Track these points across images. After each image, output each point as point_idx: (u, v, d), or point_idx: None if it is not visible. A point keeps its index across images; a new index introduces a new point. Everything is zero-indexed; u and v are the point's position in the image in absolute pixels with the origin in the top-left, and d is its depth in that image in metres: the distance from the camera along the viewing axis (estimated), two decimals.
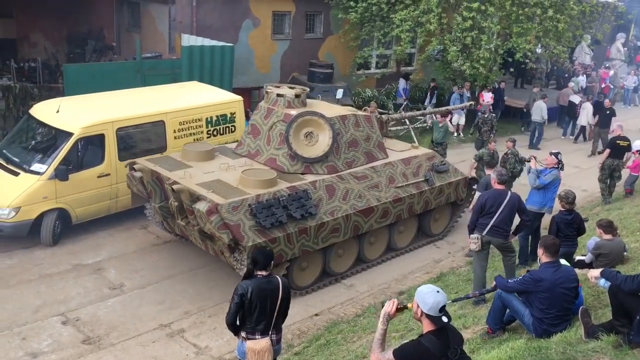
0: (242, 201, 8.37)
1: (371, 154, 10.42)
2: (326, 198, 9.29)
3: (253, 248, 8.04)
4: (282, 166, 9.58)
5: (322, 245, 9.18)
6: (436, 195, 10.90)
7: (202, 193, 8.45)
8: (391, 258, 10.81)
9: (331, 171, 9.73)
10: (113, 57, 18.68)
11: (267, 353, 5.70)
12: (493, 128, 15.86)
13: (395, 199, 10.12)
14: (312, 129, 9.70)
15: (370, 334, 7.70)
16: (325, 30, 19.28)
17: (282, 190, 8.87)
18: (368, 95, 19.41)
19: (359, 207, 9.57)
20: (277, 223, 8.46)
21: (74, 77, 12.89)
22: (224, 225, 8.10)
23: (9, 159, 10.45)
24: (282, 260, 8.69)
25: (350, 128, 10.15)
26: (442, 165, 11.15)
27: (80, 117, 10.52)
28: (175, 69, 14.46)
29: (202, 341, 8.12)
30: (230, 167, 9.41)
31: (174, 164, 9.56)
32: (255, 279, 5.70)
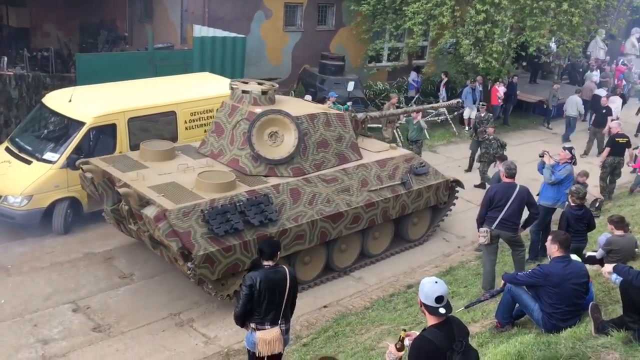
0: (194, 206, 7.81)
1: (343, 155, 9.77)
2: (290, 203, 8.69)
3: (205, 257, 7.58)
4: (244, 168, 8.98)
5: (285, 253, 8.51)
6: (414, 199, 10.30)
7: (152, 197, 7.89)
8: (400, 252, 10.80)
9: (297, 174, 9.10)
10: (125, 47, 18.75)
11: (278, 342, 5.73)
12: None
13: (368, 203, 9.52)
14: (276, 129, 9.08)
15: (378, 326, 7.72)
16: (337, 22, 19.22)
17: (241, 194, 8.27)
18: (379, 88, 19.36)
19: (326, 212, 8.96)
20: (232, 230, 7.87)
21: (87, 67, 12.95)
22: (173, 232, 7.52)
23: (21, 147, 10.53)
24: (238, 270, 8.11)
25: (320, 128, 9.50)
26: (421, 168, 10.51)
27: (92, 106, 10.56)
28: (187, 60, 14.48)
29: (211, 331, 8.17)
30: (188, 169, 8.83)
31: (130, 164, 9.04)
32: (263, 269, 5.71)
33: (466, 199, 13.36)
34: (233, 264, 7.98)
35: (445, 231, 11.81)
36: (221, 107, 9.71)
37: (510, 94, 19.43)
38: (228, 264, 7.90)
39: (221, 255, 7.79)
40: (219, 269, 7.81)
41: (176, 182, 8.46)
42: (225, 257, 7.84)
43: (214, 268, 7.76)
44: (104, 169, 8.81)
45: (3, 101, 12.32)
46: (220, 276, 7.93)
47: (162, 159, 9.18)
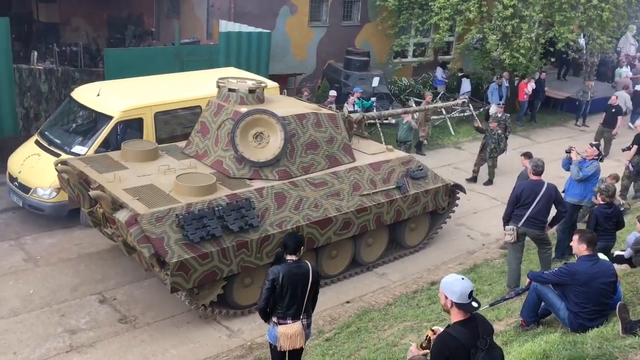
0: (168, 211, 7.44)
1: (334, 158, 9.31)
2: (274, 207, 8.28)
3: (179, 265, 7.19)
4: (228, 170, 8.58)
5: (268, 260, 8.09)
6: (410, 204, 9.79)
7: (125, 200, 7.57)
8: (424, 248, 10.75)
9: (283, 177, 8.67)
10: (152, 42, 18.93)
11: (300, 337, 5.75)
12: (507, 129, 14.47)
13: (360, 208, 9.04)
14: (262, 129, 8.65)
15: (401, 322, 7.71)
16: (362, 17, 19.15)
17: (220, 198, 7.89)
18: (404, 83, 19.25)
19: (313, 217, 8.53)
20: (208, 236, 7.45)
21: (115, 62, 13.09)
22: (145, 238, 7.17)
23: (50, 140, 10.71)
24: (216, 278, 7.72)
25: (310, 128, 9.04)
26: (418, 171, 10.00)
27: (120, 101, 10.69)
28: (213, 55, 14.55)
29: (235, 324, 8.24)
30: (169, 170, 8.47)
31: (109, 164, 8.71)
32: (286, 263, 5.74)
33: (491, 196, 13.26)
34: (210, 272, 7.56)
35: (469, 228, 11.72)
36: (207, 105, 9.36)
37: (539, 91, 19.16)
38: (205, 272, 7.49)
39: (197, 263, 7.37)
40: (194, 277, 7.41)
41: (154, 184, 8.12)
42: (201, 264, 7.42)
43: (189, 276, 7.35)
44: (81, 169, 8.45)
45: (33, 95, 12.54)
46: (196, 284, 7.55)
47: (144, 160, 8.84)
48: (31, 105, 12.60)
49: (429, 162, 14.85)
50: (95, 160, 8.85)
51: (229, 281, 8.05)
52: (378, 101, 16.40)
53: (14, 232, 10.20)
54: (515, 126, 18.52)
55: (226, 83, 9.29)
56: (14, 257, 9.44)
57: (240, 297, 8.34)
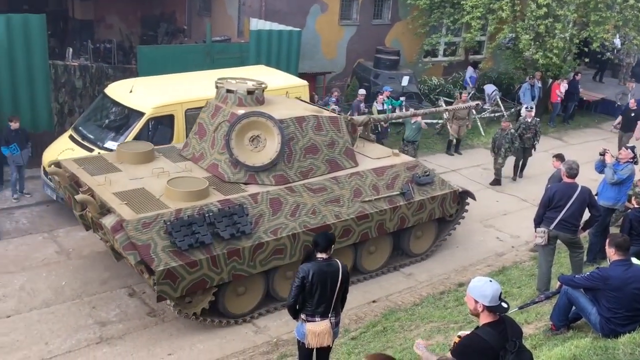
0: (156, 217, 7.19)
1: (335, 162, 8.98)
2: (269, 214, 7.99)
3: (165, 273, 6.95)
4: (223, 174, 8.32)
5: (261, 268, 7.91)
6: (415, 211, 9.42)
7: (113, 205, 7.35)
8: (451, 249, 10.66)
9: (280, 182, 8.36)
10: (184, 40, 19.13)
11: (327, 335, 5.76)
12: (537, 134, 13.76)
13: (361, 215, 8.71)
14: (258, 132, 8.34)
15: (428, 323, 7.66)
16: (393, 16, 19.06)
17: (212, 204, 7.63)
18: (434, 83, 19.11)
19: (311, 224, 8.21)
20: (197, 244, 7.20)
21: (147, 59, 13.28)
22: (131, 245, 6.96)
23: (84, 135, 10.90)
24: (206, 287, 7.47)
25: (309, 132, 8.71)
26: (424, 177, 9.59)
27: (152, 97, 10.83)
28: (243, 53, 14.65)
29: (261, 321, 8.28)
30: (163, 173, 8.22)
31: (103, 166, 8.51)
32: (316, 261, 5.75)
33: (521, 198, 13.09)
34: (199, 280, 7.30)
35: (498, 230, 11.58)
36: (205, 106, 9.10)
37: (573, 92, 18.77)
38: (193, 281, 7.24)
39: (185, 271, 7.12)
40: (182, 285, 7.17)
41: (145, 188, 7.88)
42: (189, 272, 7.17)
43: (177, 284, 7.11)
44: (73, 171, 8.29)
45: (68, 91, 12.79)
46: (185, 293, 7.30)
47: (139, 162, 8.61)
48: (66, 101, 12.85)
49: (458, 162, 14.77)
50: (89, 162, 8.67)
51: (220, 290, 7.78)
52: (407, 100, 16.30)
53: (48, 225, 10.42)
54: (547, 127, 18.24)
55: (225, 84, 8.97)
56: (47, 250, 9.65)
57: (232, 306, 8.05)
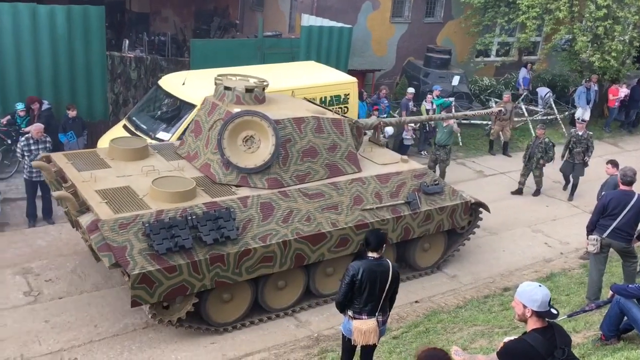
0: (134, 218, 6.87)
1: (336, 167, 8.49)
2: (259, 219, 7.57)
3: (141, 277, 6.61)
4: (214, 175, 7.94)
5: (247, 276, 7.48)
6: (421, 222, 8.83)
7: (92, 203, 7.08)
8: (497, 252, 10.47)
9: (273, 185, 7.94)
10: (236, 34, 19.39)
11: (373, 334, 5.74)
12: (589, 149, 12.61)
13: (360, 224, 8.17)
14: (253, 133, 7.92)
15: (471, 326, 7.56)
16: (445, 14, 18.82)
17: (197, 206, 7.26)
18: (485, 83, 18.78)
19: (304, 232, 7.75)
20: (176, 248, 6.83)
21: (200, 52, 13.50)
22: (106, 246, 6.66)
23: (137, 125, 11.17)
24: (185, 293, 7.08)
25: (308, 134, 8.24)
26: (433, 186, 9.02)
27: (203, 90, 10.96)
28: (294, 48, 14.73)
29: (303, 315, 8.33)
30: (153, 172, 7.87)
31: (93, 162, 8.23)
32: (367, 260, 5.73)
33: (572, 204, 12.74)
34: (178, 286, 6.94)
35: (547, 236, 11.31)
36: (203, 103, 8.76)
37: (637, 100, 17.93)
38: (172, 286, 6.89)
39: (162, 276, 6.76)
40: (159, 291, 6.81)
41: (131, 187, 7.57)
42: (167, 278, 6.81)
43: (153, 290, 6.76)
44: (61, 166, 8.03)
45: (123, 82, 13.14)
46: (163, 299, 6.94)
47: (131, 159, 8.30)
48: (121, 91, 13.21)
49: (507, 164, 14.49)
50: (79, 157, 8.41)
51: (203, 296, 7.41)
52: (457, 100, 16.08)
53: None
54: (603, 132, 17.70)
55: (224, 80, 8.56)
56: None
57: (216, 314, 7.66)
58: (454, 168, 14.32)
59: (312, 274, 8.28)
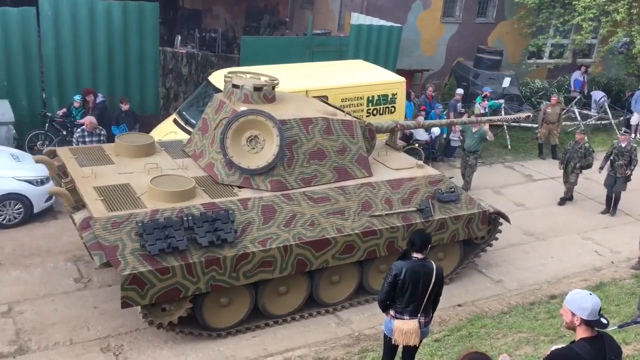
0: (128, 216, 6.71)
1: (345, 171, 8.17)
2: (259, 222, 7.30)
3: (131, 278, 6.42)
4: (217, 175, 7.72)
5: (245, 281, 7.21)
6: (435, 231, 8.36)
7: (88, 200, 6.97)
8: (545, 259, 10.23)
9: (276, 188, 7.64)
10: (285, 32, 19.51)
11: (415, 335, 5.71)
12: (632, 162, 11.78)
13: (367, 231, 7.83)
14: (257, 132, 7.65)
15: (516, 333, 7.42)
16: (498, 14, 18.49)
17: (195, 207, 7.04)
18: (537, 86, 18.38)
19: (306, 237, 7.44)
20: (169, 249, 6.62)
21: (250, 49, 13.65)
22: (98, 244, 6.53)
23: (187, 120, 11.36)
24: (179, 296, 6.85)
25: (316, 135, 7.92)
26: (448, 194, 8.60)
27: None
28: (342, 47, 14.74)
29: (345, 313, 8.33)
30: (155, 170, 7.69)
31: (97, 157, 8.13)
32: (410, 260, 5.70)
33: (625, 212, 12.34)
34: (171, 288, 6.72)
35: (597, 244, 10.98)
36: (211, 101, 8.58)
37: None
38: (165, 289, 6.68)
39: (155, 278, 6.56)
40: (151, 293, 6.61)
41: (130, 184, 7.40)
42: (160, 280, 6.60)
43: (145, 292, 6.57)
44: (64, 161, 7.96)
45: (174, 77, 13.41)
46: (155, 301, 6.75)
47: (136, 155, 8.16)
48: (172, 86, 13.49)
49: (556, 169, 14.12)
50: (84, 152, 8.31)
51: (199, 300, 7.19)
52: (507, 102, 15.79)
53: None
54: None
55: (233, 77, 8.31)
56: None
57: (212, 319, 7.43)
58: (501, 171, 14.09)
59: (316, 281, 7.97)
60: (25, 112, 11.64)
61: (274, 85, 8.27)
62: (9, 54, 11.23)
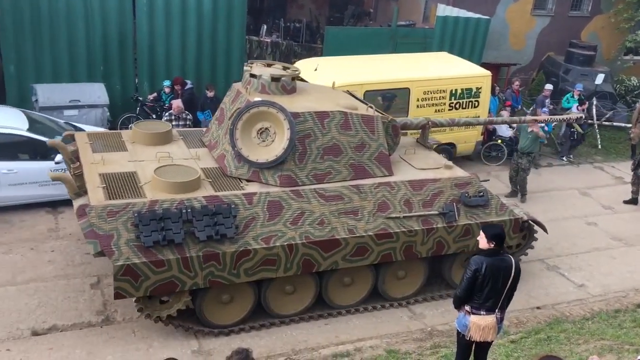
0: (125, 206, 6.52)
1: (363, 169, 7.70)
2: (264, 218, 6.98)
3: (125, 269, 6.28)
4: (227, 167, 7.44)
5: (247, 279, 6.93)
6: (458, 237, 7.84)
7: (89, 187, 6.86)
8: (633, 265, 9.71)
9: (286, 183, 7.27)
10: (369, 22, 19.43)
11: (492, 330, 5.62)
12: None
13: (382, 233, 7.39)
14: (268, 125, 7.28)
15: (598, 340, 7.11)
16: (593, 7, 17.62)
17: (197, 199, 6.78)
18: (633, 84, 17.39)
19: (314, 236, 7.07)
20: (164, 242, 6.41)
21: (333, 39, 13.71)
22: (93, 232, 6.41)
23: None
24: (175, 290, 6.67)
25: (332, 130, 7.49)
26: (476, 198, 7.98)
27: (334, 77, 11.15)
28: (427, 39, 14.54)
29: (418, 307, 8.25)
30: (166, 159, 7.48)
31: (111, 144, 8.01)
32: (489, 255, 5.57)
33: None
34: (167, 282, 6.54)
35: None
36: (230, 90, 8.28)
37: None
38: (160, 282, 6.51)
39: (149, 270, 6.41)
40: (146, 285, 6.46)
41: (137, 173, 7.24)
42: (155, 272, 6.44)
43: (139, 283, 6.43)
44: (79, 146, 7.86)
45: None
46: (150, 294, 6.60)
47: (151, 143, 7.99)
48: None
49: None
50: (101, 138, 8.21)
51: (199, 295, 6.99)
52: (600, 100, 15.04)
53: None
54: None
55: (252, 67, 7.94)
56: None
57: (213, 315, 7.19)
58: (590, 172, 13.49)
59: (325, 283, 7.61)
60: (119, 96, 12.23)
61: (294, 76, 7.92)
62: (106, 41, 11.82)
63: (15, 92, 11.52)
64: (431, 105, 11.74)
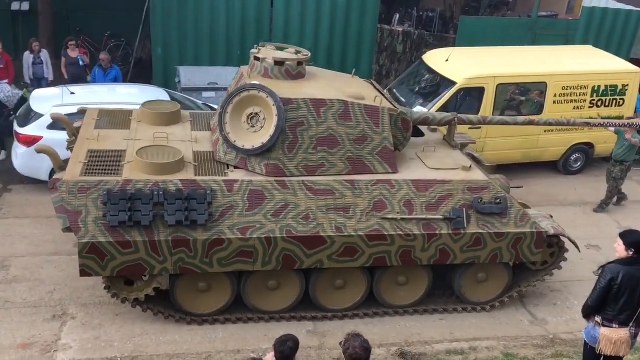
0: (97, 183, 6.43)
1: (362, 163, 7.11)
2: (244, 207, 6.65)
3: (90, 247, 6.26)
4: (217, 151, 7.16)
5: (220, 269, 6.67)
6: (467, 247, 7.14)
7: (71, 162, 6.82)
8: None
9: (272, 172, 6.84)
10: (507, 13, 18.66)
11: (625, 345, 5.28)
12: None
13: (375, 234, 6.85)
14: (259, 110, 6.88)
15: None
16: None
17: (172, 182, 6.53)
18: None
19: (296, 231, 6.69)
20: (130, 223, 6.28)
21: (468, 30, 13.35)
22: (63, 207, 6.38)
23: (396, 97, 11.48)
24: (144, 273, 6.60)
25: (329, 119, 6.94)
26: (492, 205, 7.17)
27: (466, 68, 10.88)
28: (570, 31, 13.71)
29: (540, 312, 7.90)
30: (162, 139, 7.29)
31: (117, 121, 7.88)
32: (627, 264, 5.23)
33: None
34: (135, 264, 6.47)
35: None
36: (237, 73, 7.96)
37: None
38: (127, 263, 6.46)
39: (116, 250, 6.37)
40: (112, 265, 6.44)
41: (126, 152, 7.07)
42: (122, 253, 6.40)
43: (105, 263, 6.41)
44: (86, 121, 7.86)
45: (389, 54, 13.64)
46: (117, 274, 6.54)
47: (157, 123, 7.77)
48: (385, 64, 13.75)
49: None
50: (110, 115, 8.09)
51: (173, 280, 6.87)
52: None
53: None
54: None
55: (259, 50, 7.55)
56: None
57: (187, 302, 7.04)
58: None
59: (312, 282, 7.19)
60: None
61: (302, 60, 7.43)
62: (244, 27, 12.38)
63: (161, 74, 12.42)
64: (570, 101, 11.10)
